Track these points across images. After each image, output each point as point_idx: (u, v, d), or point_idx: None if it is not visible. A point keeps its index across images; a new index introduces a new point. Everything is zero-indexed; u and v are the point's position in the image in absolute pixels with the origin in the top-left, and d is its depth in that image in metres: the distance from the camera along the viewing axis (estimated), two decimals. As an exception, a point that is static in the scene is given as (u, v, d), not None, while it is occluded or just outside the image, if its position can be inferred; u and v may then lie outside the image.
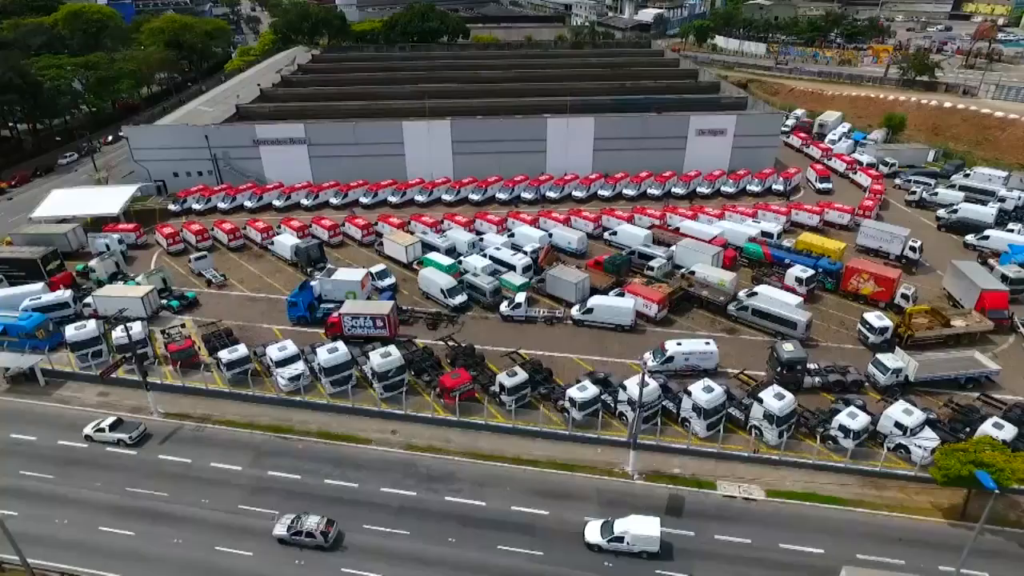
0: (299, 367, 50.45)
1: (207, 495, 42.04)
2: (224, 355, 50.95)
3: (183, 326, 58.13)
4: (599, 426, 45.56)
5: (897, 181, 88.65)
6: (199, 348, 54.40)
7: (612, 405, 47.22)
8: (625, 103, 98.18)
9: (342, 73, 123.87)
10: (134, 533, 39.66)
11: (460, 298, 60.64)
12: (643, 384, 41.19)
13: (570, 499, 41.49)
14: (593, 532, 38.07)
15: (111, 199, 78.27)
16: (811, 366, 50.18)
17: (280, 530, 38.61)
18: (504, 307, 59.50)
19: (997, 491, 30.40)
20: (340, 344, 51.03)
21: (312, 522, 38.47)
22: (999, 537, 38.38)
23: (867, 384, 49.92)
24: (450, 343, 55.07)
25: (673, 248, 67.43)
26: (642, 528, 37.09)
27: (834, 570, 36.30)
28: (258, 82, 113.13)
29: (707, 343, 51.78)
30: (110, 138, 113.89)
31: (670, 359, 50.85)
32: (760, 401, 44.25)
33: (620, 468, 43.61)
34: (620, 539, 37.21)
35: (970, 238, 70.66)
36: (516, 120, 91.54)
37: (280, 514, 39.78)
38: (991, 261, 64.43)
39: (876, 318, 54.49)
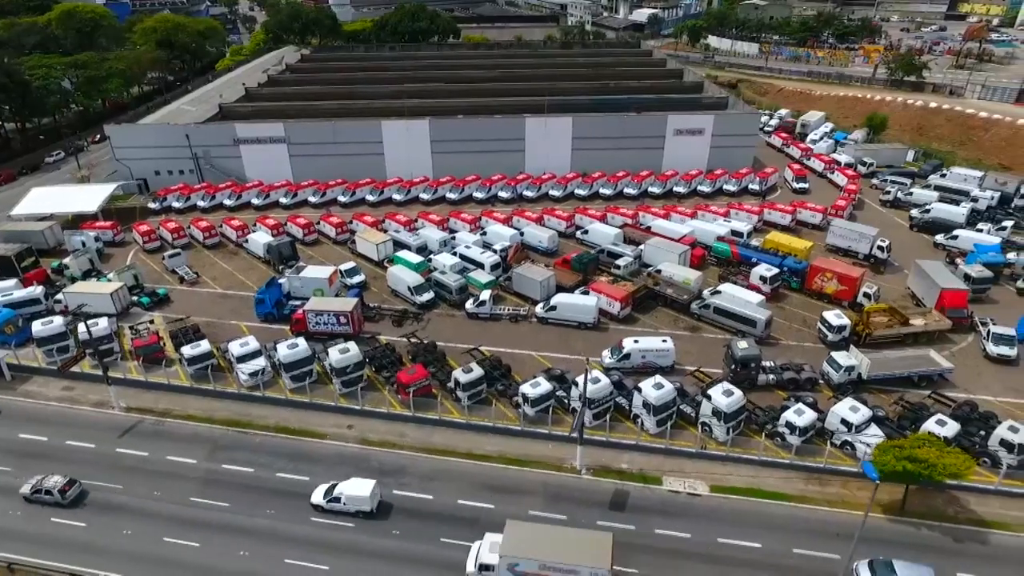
0: (260, 363, 51.06)
1: (160, 488, 42.69)
2: (186, 350, 51.56)
3: (151, 322, 58.90)
4: (550, 422, 46.04)
5: (874, 181, 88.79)
6: (164, 344, 55.07)
7: (567, 401, 47.71)
8: (604, 103, 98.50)
9: (328, 73, 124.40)
10: (86, 525, 40.38)
11: (426, 295, 61.20)
12: (587, 380, 41.68)
13: (517, 493, 42.02)
14: (317, 495, 41.04)
15: (90, 197, 79.07)
16: (766, 363, 50.60)
17: (25, 489, 41.65)
18: (469, 304, 59.99)
19: (878, 482, 31.86)
20: (300, 340, 51.59)
21: (52, 482, 41.49)
22: (935, 532, 38.78)
23: (821, 382, 50.29)
24: (412, 340, 55.65)
25: (641, 247, 67.80)
26: (355, 490, 40.18)
27: (770, 565, 37.04)
28: (244, 81, 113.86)
29: (664, 340, 52.14)
30: (98, 137, 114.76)
31: (627, 356, 51.30)
32: (709, 398, 44.66)
33: (569, 463, 44.06)
34: (337, 499, 40.25)
35: (939, 238, 70.87)
36: (495, 119, 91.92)
37: (25, 475, 42.73)
38: (957, 260, 64.70)
39: (835, 316, 54.82)
